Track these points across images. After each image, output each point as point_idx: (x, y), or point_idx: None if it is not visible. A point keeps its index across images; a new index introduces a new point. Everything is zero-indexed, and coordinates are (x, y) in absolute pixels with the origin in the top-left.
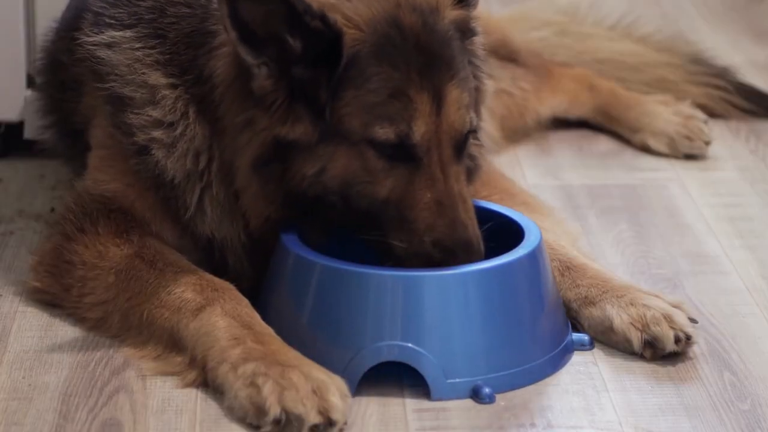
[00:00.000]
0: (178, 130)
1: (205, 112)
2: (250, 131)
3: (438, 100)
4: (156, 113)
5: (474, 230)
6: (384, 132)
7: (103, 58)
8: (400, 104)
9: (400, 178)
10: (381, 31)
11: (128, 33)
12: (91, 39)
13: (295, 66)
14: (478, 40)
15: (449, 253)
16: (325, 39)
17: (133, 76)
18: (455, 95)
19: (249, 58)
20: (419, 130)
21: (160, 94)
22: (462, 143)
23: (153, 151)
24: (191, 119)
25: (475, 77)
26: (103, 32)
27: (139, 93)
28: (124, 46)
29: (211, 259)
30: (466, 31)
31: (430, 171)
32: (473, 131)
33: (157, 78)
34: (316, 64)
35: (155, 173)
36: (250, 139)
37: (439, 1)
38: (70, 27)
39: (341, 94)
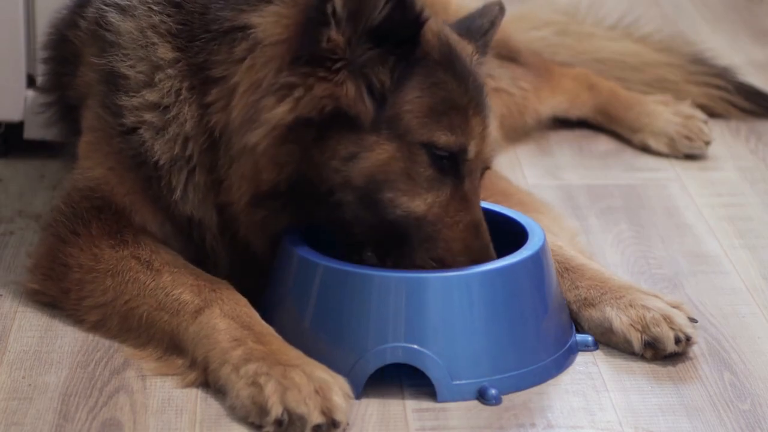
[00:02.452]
0: (172, 113)
1: (206, 77)
2: (292, 94)
3: (483, 129)
4: (152, 96)
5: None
6: (446, 139)
7: (112, 23)
8: (460, 119)
9: (441, 194)
10: (447, 50)
11: None
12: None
13: (364, 36)
14: None
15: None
16: (408, 20)
17: (137, 45)
18: (491, 130)
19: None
20: (473, 149)
21: (159, 75)
22: (482, 175)
23: (141, 132)
24: (183, 97)
25: None
26: None
27: (135, 71)
28: (139, 10)
29: (191, 241)
30: None
31: (466, 193)
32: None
33: (164, 51)
34: (384, 42)
35: (138, 152)
36: (291, 100)
37: (473, 53)
38: (80, 2)
39: (405, 89)
